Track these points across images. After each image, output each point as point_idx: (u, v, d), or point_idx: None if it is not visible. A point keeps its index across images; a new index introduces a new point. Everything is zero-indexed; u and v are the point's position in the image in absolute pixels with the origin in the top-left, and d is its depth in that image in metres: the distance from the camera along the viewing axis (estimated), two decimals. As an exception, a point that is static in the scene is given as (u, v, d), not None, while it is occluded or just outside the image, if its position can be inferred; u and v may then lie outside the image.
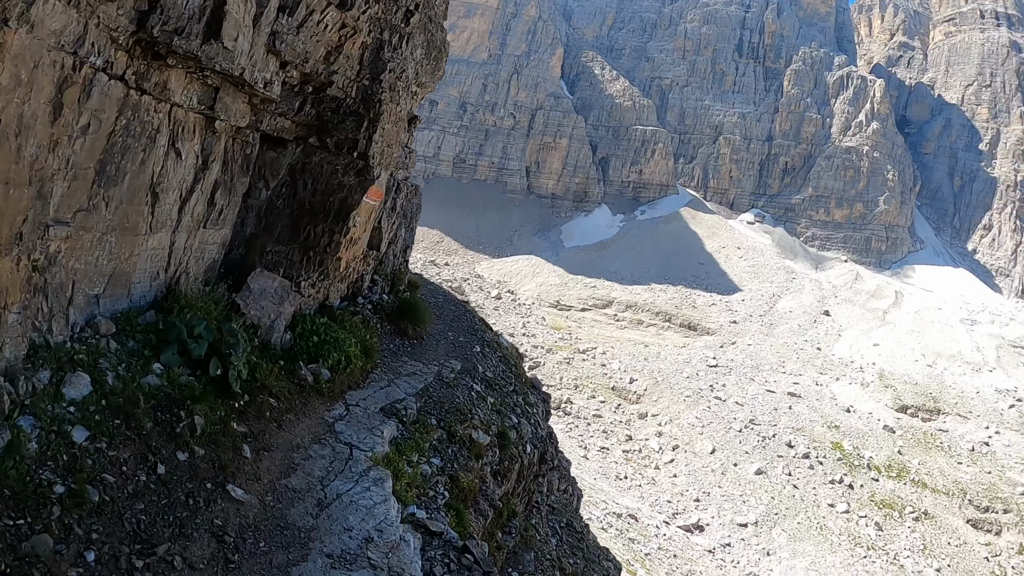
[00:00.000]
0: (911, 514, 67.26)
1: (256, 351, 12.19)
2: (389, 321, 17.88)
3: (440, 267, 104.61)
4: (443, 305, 22.54)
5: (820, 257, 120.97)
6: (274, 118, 13.78)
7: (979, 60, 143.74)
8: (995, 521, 68.69)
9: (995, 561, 64.48)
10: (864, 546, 62.23)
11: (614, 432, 76.12)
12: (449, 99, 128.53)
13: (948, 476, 73.13)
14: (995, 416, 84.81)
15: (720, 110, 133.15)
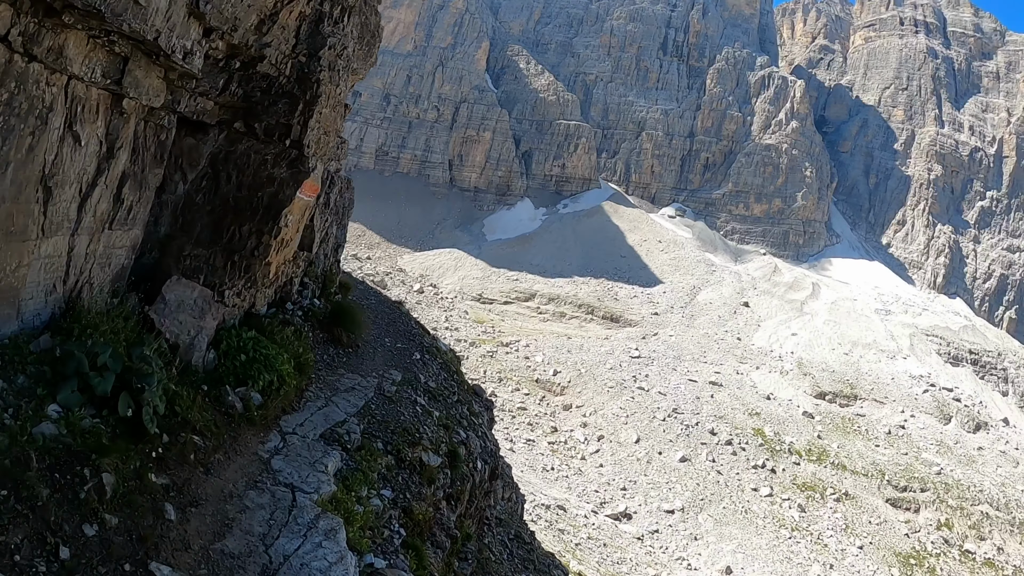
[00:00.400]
0: (832, 495, 68.14)
1: (175, 377, 10.27)
2: (322, 329, 16.10)
3: (362, 261, 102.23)
4: (376, 308, 20.97)
5: (739, 250, 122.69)
6: (194, 98, 11.68)
7: (897, 64, 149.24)
8: (913, 500, 70.18)
9: (915, 537, 65.81)
10: (788, 527, 62.68)
11: (539, 424, 75.39)
12: (373, 90, 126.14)
13: (867, 458, 74.45)
14: (910, 401, 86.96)
15: (643, 106, 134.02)
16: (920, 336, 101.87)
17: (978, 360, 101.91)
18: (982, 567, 64.76)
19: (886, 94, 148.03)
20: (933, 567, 62.78)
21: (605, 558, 49.41)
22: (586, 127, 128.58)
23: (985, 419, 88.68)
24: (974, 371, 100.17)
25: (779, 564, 58.33)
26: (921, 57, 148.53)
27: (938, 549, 65.03)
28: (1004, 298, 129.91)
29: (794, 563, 58.74)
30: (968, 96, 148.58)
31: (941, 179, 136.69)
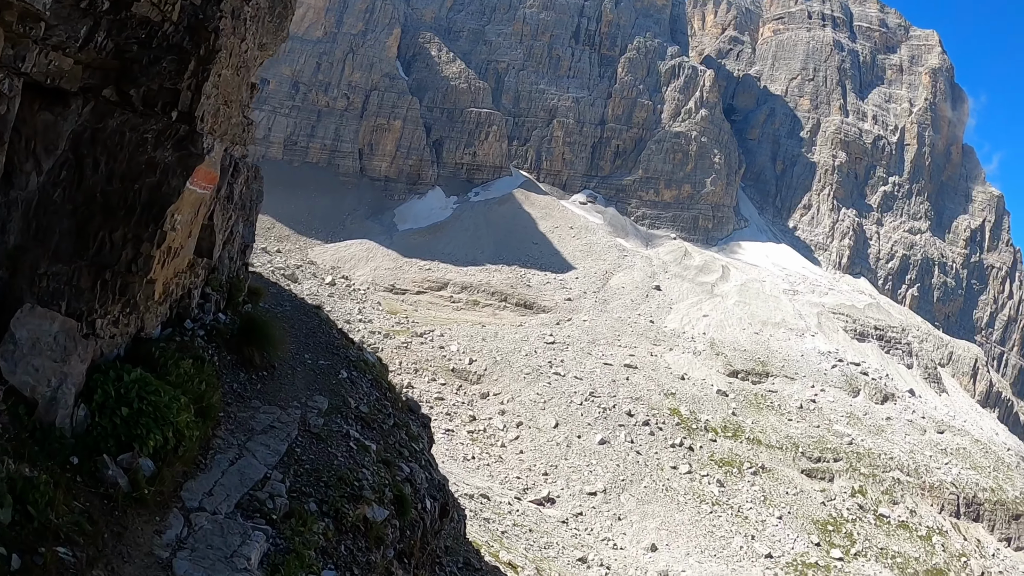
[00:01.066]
0: (749, 469, 68.95)
1: (29, 450, 7.49)
2: (230, 350, 13.03)
3: (272, 255, 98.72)
4: (293, 316, 17.96)
5: (650, 235, 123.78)
6: (45, 53, 8.34)
7: (804, 56, 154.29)
8: (827, 469, 71.69)
9: (831, 505, 67.29)
10: (709, 503, 63.13)
11: (458, 414, 74.40)
12: (281, 78, 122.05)
13: (780, 432, 75.67)
14: (819, 376, 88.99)
15: (555, 94, 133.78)
16: (827, 314, 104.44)
17: (883, 335, 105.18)
18: (897, 529, 66.56)
19: (793, 84, 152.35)
20: (850, 532, 64.21)
21: (532, 543, 48.77)
22: (497, 115, 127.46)
23: (892, 391, 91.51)
24: (880, 346, 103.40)
25: (702, 538, 58.64)
26: (828, 49, 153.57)
27: (854, 515, 66.55)
28: (906, 277, 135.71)
29: (717, 536, 59.14)
30: (872, 87, 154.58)
31: (845, 165, 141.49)
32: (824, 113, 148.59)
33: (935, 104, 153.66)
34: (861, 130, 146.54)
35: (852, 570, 59.85)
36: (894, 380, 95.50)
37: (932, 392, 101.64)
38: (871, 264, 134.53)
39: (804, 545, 60.93)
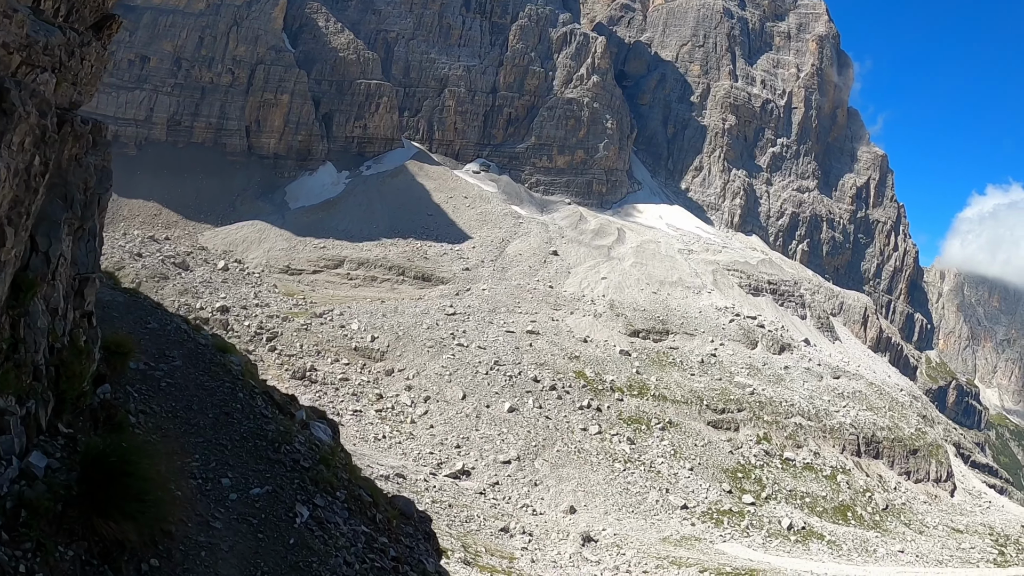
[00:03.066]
0: (658, 425, 69.79)
1: None
2: (69, 533, 6.39)
3: (160, 243, 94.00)
4: (187, 380, 11.36)
5: (545, 201, 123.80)
6: None
7: (694, 23, 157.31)
8: (732, 420, 73.42)
9: (738, 453, 69.06)
10: (621, 461, 63.60)
11: (364, 393, 72.96)
12: (162, 54, 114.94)
13: (684, 387, 76.92)
14: (718, 331, 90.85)
15: (446, 63, 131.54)
16: (722, 271, 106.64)
17: (776, 289, 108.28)
18: (803, 471, 68.79)
19: (683, 50, 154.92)
20: (759, 477, 65.92)
21: (453, 519, 48.57)
22: (387, 86, 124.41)
23: (788, 341, 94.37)
24: (774, 299, 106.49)
25: (618, 496, 59.11)
26: (718, 17, 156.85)
27: (761, 461, 68.34)
28: (796, 233, 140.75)
29: (632, 493, 59.68)
30: (761, 54, 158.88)
31: (735, 128, 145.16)
32: (714, 79, 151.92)
33: (822, 69, 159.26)
34: (750, 94, 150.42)
35: (764, 513, 61.57)
36: (789, 331, 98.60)
37: (826, 341, 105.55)
38: (762, 222, 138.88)
39: (717, 494, 62.33)
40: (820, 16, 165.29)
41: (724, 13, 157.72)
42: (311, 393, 71.07)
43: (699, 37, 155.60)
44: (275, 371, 73.27)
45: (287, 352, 76.47)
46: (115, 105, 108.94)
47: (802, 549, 58.75)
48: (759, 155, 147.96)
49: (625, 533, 53.77)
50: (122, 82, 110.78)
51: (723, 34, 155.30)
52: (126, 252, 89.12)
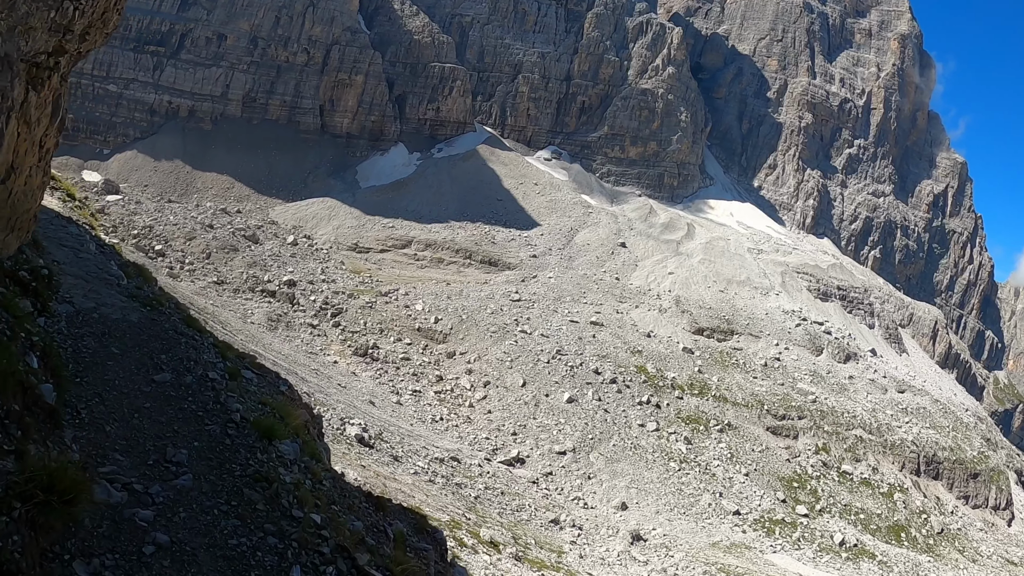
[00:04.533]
0: (716, 427, 69.30)
1: None
2: None
3: (232, 215, 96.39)
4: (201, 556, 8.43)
5: (615, 192, 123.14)
6: None
7: (773, 17, 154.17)
8: (792, 427, 72.34)
9: (795, 462, 68.08)
10: (677, 460, 63.33)
11: (424, 374, 73.86)
12: (239, 33, 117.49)
13: (746, 390, 76.10)
14: (783, 334, 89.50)
15: (520, 49, 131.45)
16: (791, 273, 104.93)
17: (846, 296, 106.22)
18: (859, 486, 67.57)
19: (761, 44, 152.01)
20: (815, 489, 64.98)
21: (505, 507, 48.65)
22: (461, 70, 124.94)
23: (854, 350, 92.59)
24: (842, 306, 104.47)
25: (671, 496, 58.87)
26: (797, 11, 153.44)
27: (818, 472, 67.34)
28: (869, 239, 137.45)
29: (685, 494, 59.39)
30: (840, 50, 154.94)
31: (811, 127, 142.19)
32: (791, 74, 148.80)
33: (903, 69, 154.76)
34: (828, 92, 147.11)
35: (817, 526, 60.73)
36: (856, 340, 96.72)
37: (893, 352, 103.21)
38: (835, 225, 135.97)
39: (771, 502, 61.63)
40: (903, 14, 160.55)
41: (804, 7, 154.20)
42: (372, 371, 72.43)
43: (778, 31, 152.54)
44: (338, 347, 74.82)
45: (351, 329, 77.89)
46: (192, 81, 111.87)
47: (852, 567, 57.75)
48: (835, 156, 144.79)
49: (675, 535, 53.70)
50: (199, 59, 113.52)
51: (802, 29, 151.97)
52: (198, 223, 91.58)
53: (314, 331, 76.89)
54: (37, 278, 14.73)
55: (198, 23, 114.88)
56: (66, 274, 17.14)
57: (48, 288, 15.10)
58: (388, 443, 47.92)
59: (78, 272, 17.79)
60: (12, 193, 14.50)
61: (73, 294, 15.87)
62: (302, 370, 60.49)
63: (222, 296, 79.01)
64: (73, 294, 15.87)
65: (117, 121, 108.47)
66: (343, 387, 62.82)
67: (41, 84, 14.25)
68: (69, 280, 16.81)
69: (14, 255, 15.05)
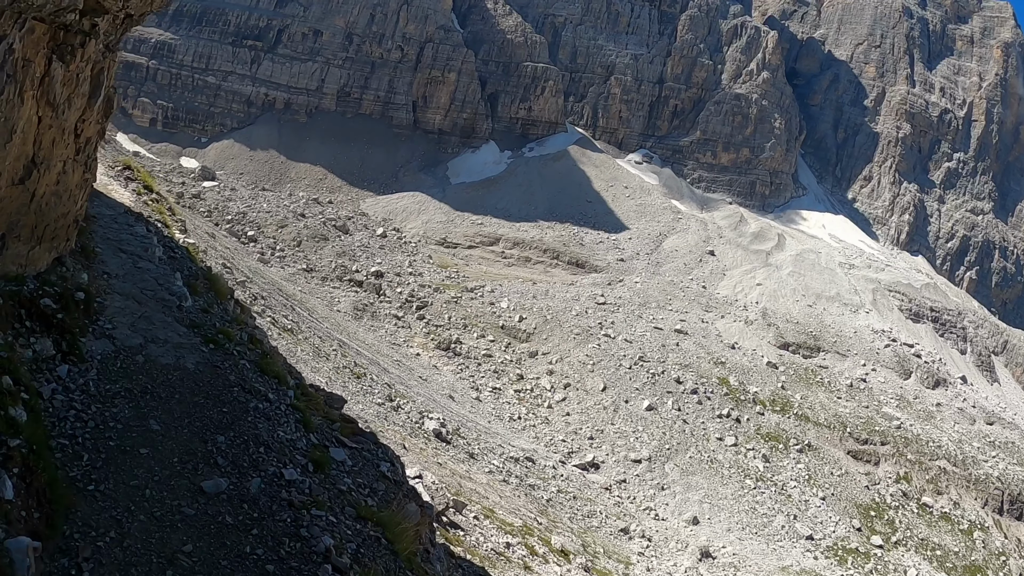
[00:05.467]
0: (795, 446, 68.62)
1: None
2: None
3: (324, 205, 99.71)
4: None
5: (705, 199, 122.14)
6: None
7: (871, 21, 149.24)
8: (874, 452, 71.03)
9: (875, 490, 66.79)
10: (753, 477, 62.98)
11: (505, 372, 74.97)
12: (334, 29, 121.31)
13: (829, 410, 75.02)
14: (871, 355, 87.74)
15: (613, 50, 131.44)
16: (883, 291, 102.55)
17: (939, 318, 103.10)
18: (939, 521, 65.94)
19: (859, 50, 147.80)
20: (892, 519, 63.74)
21: (576, 512, 48.96)
22: (553, 70, 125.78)
23: (944, 376, 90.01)
24: (934, 328, 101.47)
25: (744, 514, 58.66)
26: (896, 16, 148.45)
27: (897, 502, 66.02)
28: (965, 259, 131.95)
29: (759, 513, 59.10)
30: (941, 58, 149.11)
31: (909, 138, 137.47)
32: (890, 82, 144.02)
33: (1006, 80, 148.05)
34: (928, 102, 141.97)
35: (891, 559, 59.53)
36: (947, 365, 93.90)
37: (984, 381, 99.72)
38: (930, 242, 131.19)
39: (846, 529, 60.72)
40: (1006, 20, 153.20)
41: (904, 12, 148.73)
42: (453, 365, 74.07)
43: (876, 37, 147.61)
44: (421, 339, 76.72)
45: (435, 322, 79.76)
46: (288, 75, 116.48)
47: (923, 606, 56.73)
48: (933, 169, 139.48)
49: (745, 555, 53.49)
50: (296, 54, 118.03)
51: (901, 35, 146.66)
52: (290, 212, 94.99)
53: (398, 323, 78.98)
54: (67, 306, 11.79)
55: (295, 19, 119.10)
56: (115, 293, 14.44)
57: (84, 317, 12.28)
58: (465, 439, 48.81)
59: (131, 289, 15.06)
60: (37, 195, 11.59)
61: (117, 323, 13.13)
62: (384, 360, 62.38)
63: (310, 283, 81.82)
64: (117, 323, 13.13)
65: (215, 111, 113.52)
66: (424, 380, 64.43)
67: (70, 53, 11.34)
68: (117, 302, 14.12)
69: (46, 271, 12.56)
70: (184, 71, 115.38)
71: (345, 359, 51.80)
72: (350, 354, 54.62)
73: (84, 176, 13.86)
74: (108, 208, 19.89)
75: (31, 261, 11.99)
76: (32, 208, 11.65)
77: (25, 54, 10.13)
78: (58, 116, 11.61)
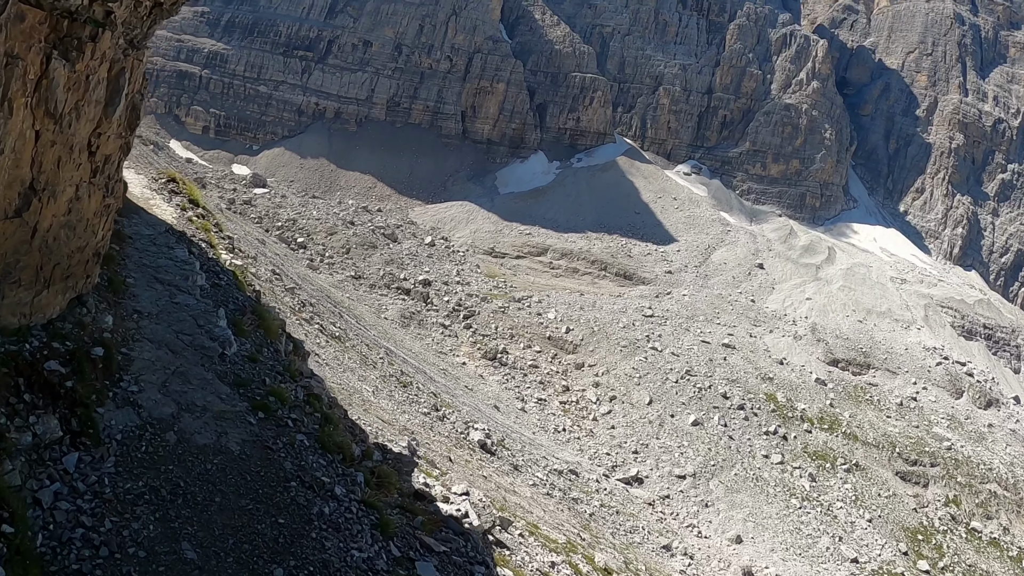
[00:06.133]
0: (843, 466, 68.20)
1: None
2: None
3: (373, 213, 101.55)
4: None
5: (755, 211, 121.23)
6: None
7: (922, 29, 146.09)
8: (923, 474, 70.21)
9: (923, 513, 66.06)
10: (799, 497, 62.81)
11: (551, 383, 75.48)
12: (384, 40, 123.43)
13: (878, 429, 74.33)
14: (922, 373, 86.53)
15: (661, 60, 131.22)
16: (935, 307, 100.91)
17: (992, 335, 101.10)
18: (988, 546, 65.00)
19: (910, 58, 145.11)
20: (940, 544, 62.98)
21: (619, 527, 49.28)
22: (602, 80, 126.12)
23: (997, 396, 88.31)
24: (987, 346, 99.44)
25: (789, 535, 58.56)
26: (947, 23, 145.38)
27: (945, 526, 65.18)
28: (1020, 273, 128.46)
29: (804, 534, 58.95)
30: (994, 66, 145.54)
31: (962, 149, 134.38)
32: (942, 91, 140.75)
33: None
34: (981, 111, 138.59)
35: (937, 585, 58.85)
36: (1000, 385, 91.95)
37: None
38: (983, 257, 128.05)
39: (892, 553, 60.16)
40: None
41: (955, 18, 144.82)
42: (499, 375, 74.92)
43: (927, 44, 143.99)
44: (467, 349, 77.75)
45: (482, 332, 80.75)
46: (339, 84, 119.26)
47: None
48: (987, 181, 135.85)
49: (788, 576, 53.58)
50: (346, 64, 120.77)
51: (953, 42, 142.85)
52: (340, 219, 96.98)
53: (445, 331, 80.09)
54: (81, 368, 9.48)
55: (344, 30, 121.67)
56: (145, 339, 12.15)
57: (104, 378, 10.01)
58: (509, 450, 49.23)
59: (165, 334, 12.74)
60: (40, 229, 9.45)
61: (145, 383, 10.87)
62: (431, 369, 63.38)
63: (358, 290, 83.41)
64: (145, 383, 10.87)
65: (267, 120, 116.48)
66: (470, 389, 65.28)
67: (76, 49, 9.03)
68: (147, 352, 11.81)
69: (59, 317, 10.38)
70: (236, 80, 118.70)
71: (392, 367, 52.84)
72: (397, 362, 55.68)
73: (105, 202, 11.50)
74: (147, 227, 18.47)
75: (38, 308, 9.60)
76: (35, 245, 9.33)
77: (12, 48, 7.79)
78: (63, 129, 9.31)
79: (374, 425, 30.05)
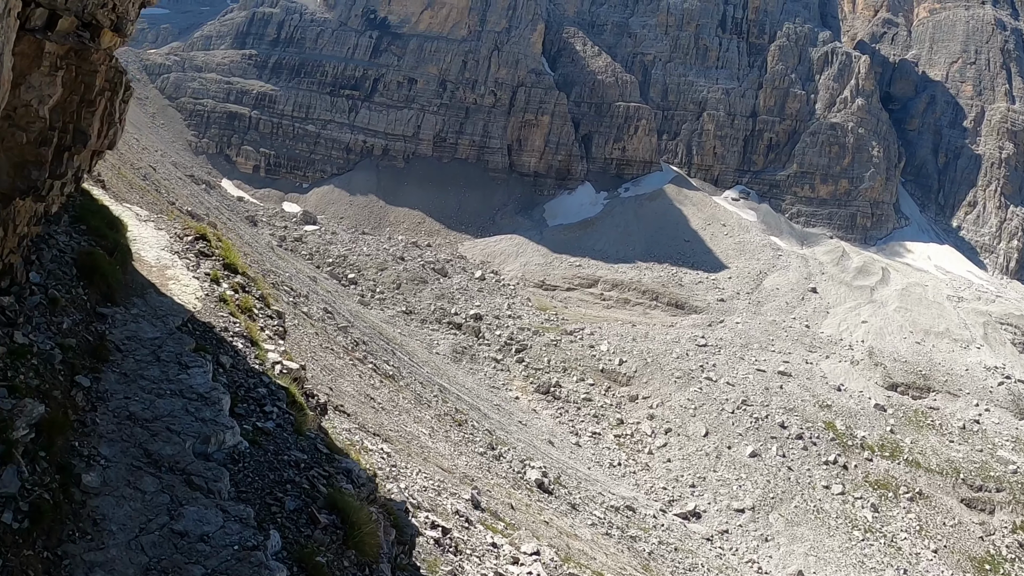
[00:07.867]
0: (906, 494, 67.21)
1: None
2: None
3: (422, 248, 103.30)
4: None
5: (805, 234, 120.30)
6: None
7: (964, 37, 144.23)
8: (988, 500, 68.80)
9: (990, 541, 64.67)
10: (861, 529, 62.10)
11: (605, 416, 75.65)
12: (428, 77, 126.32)
13: (941, 455, 73.08)
14: (984, 393, 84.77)
15: (704, 86, 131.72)
16: (994, 324, 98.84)
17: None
18: (1059, 575, 63.40)
19: (953, 68, 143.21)
20: (1008, 573, 61.57)
21: (678, 565, 49.16)
22: (646, 108, 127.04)
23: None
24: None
25: (851, 569, 57.96)
26: (989, 29, 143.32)
27: (1013, 554, 63.78)
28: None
29: (867, 567, 58.30)
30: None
31: (1013, 158, 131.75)
32: (988, 100, 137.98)
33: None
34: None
35: (1009, 616, 57.69)
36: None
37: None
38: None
39: (959, 585, 59.03)
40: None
41: (996, 24, 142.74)
42: (552, 409, 75.50)
43: (970, 53, 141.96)
44: (520, 383, 78.56)
45: (534, 366, 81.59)
46: (385, 122, 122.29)
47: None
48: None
49: (853, 612, 52.89)
50: (392, 101, 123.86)
51: (996, 49, 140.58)
52: (390, 255, 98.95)
53: (498, 365, 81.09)
54: None
55: (389, 68, 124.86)
56: None
57: None
58: (566, 488, 49.47)
59: None
60: None
61: None
62: (484, 405, 64.20)
63: (409, 325, 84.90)
64: None
65: (316, 158, 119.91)
66: (523, 425, 65.86)
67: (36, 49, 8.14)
68: None
69: None
70: (285, 120, 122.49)
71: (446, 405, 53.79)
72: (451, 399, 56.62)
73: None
74: (152, 323, 13.07)
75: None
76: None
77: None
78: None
79: (435, 477, 30.88)
